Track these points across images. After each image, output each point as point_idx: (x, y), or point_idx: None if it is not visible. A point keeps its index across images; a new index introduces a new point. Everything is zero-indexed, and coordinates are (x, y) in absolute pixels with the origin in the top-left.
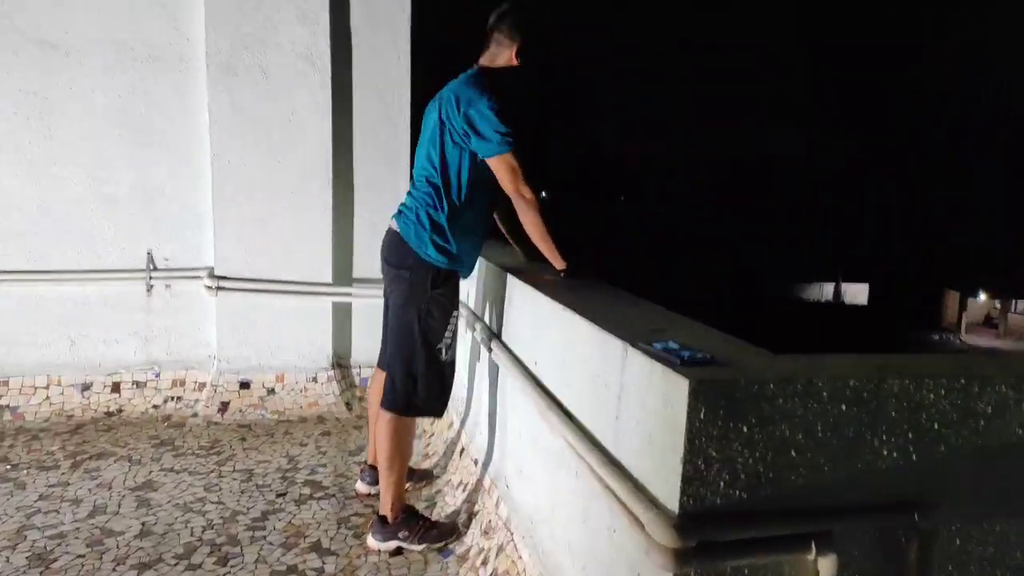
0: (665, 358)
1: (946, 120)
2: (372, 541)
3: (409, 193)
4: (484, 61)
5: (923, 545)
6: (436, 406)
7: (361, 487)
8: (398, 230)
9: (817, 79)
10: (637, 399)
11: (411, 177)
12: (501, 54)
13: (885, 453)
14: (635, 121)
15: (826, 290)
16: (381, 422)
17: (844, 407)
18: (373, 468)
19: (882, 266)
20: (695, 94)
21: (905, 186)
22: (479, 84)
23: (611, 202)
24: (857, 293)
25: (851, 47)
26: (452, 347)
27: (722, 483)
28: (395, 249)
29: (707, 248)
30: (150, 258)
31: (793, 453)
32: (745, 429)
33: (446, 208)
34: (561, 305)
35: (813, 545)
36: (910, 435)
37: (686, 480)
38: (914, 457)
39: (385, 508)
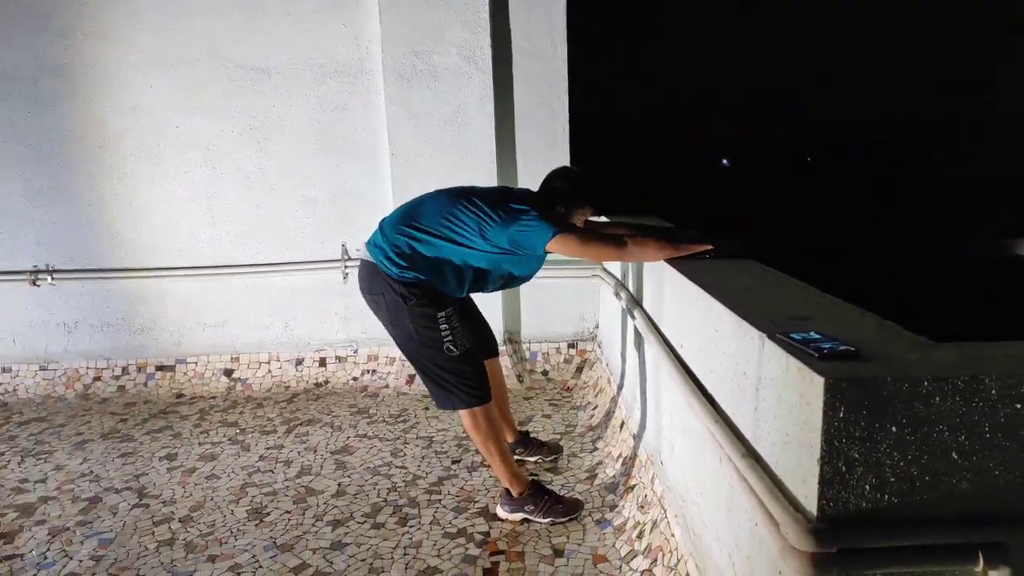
0: (803, 351)
1: None
2: (501, 511)
3: (390, 230)
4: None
5: None
6: (477, 394)
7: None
8: (371, 259)
9: None
10: (774, 393)
11: (405, 215)
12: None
13: None
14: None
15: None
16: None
17: (1019, 406)
18: (515, 437)
19: None
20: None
21: None
22: (532, 216)
23: (795, 167)
24: None
25: None
26: (456, 340)
27: (868, 487)
28: (370, 280)
29: (901, 209)
30: (344, 250)
31: (955, 456)
32: (894, 430)
33: (430, 262)
34: (702, 289)
35: (980, 557)
36: None
37: (824, 483)
38: None
39: (505, 483)
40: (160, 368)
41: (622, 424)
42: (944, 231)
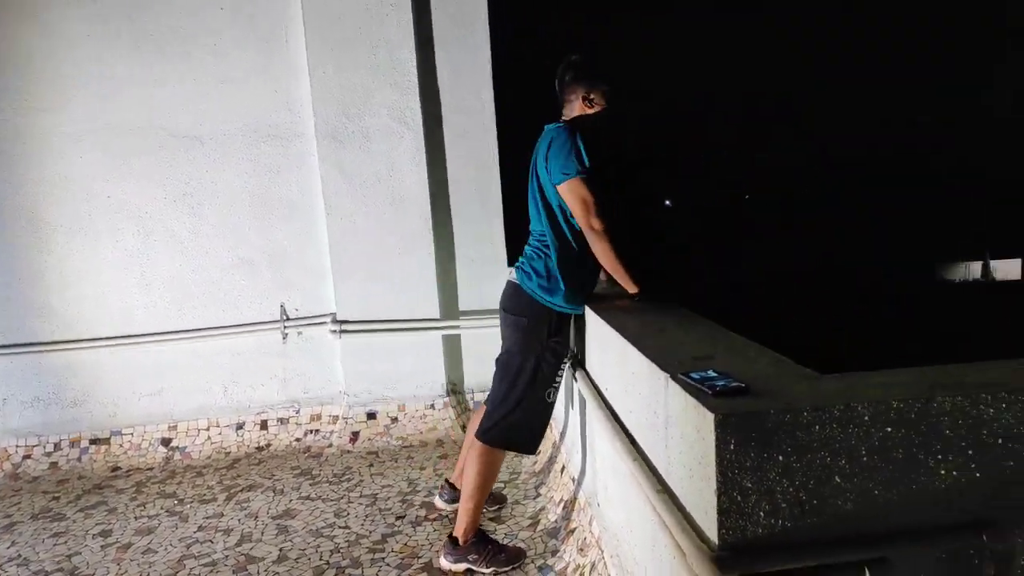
0: (698, 389)
1: None
2: (444, 562)
3: (530, 245)
4: (563, 116)
5: (999, 568)
6: (532, 445)
7: (439, 502)
8: (516, 281)
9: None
10: (679, 430)
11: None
12: (573, 107)
13: (943, 473)
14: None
15: (973, 269)
16: (474, 451)
17: (890, 429)
18: (453, 487)
19: None
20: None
21: None
22: (563, 129)
23: (736, 202)
24: (1009, 270)
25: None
26: (558, 390)
27: (762, 514)
28: (513, 298)
29: (833, 231)
30: (283, 310)
31: (837, 479)
32: (781, 458)
33: (554, 253)
34: (616, 333)
35: (867, 573)
36: (970, 452)
37: (723, 512)
38: (978, 475)
39: (458, 531)
40: (94, 441)
41: (563, 468)
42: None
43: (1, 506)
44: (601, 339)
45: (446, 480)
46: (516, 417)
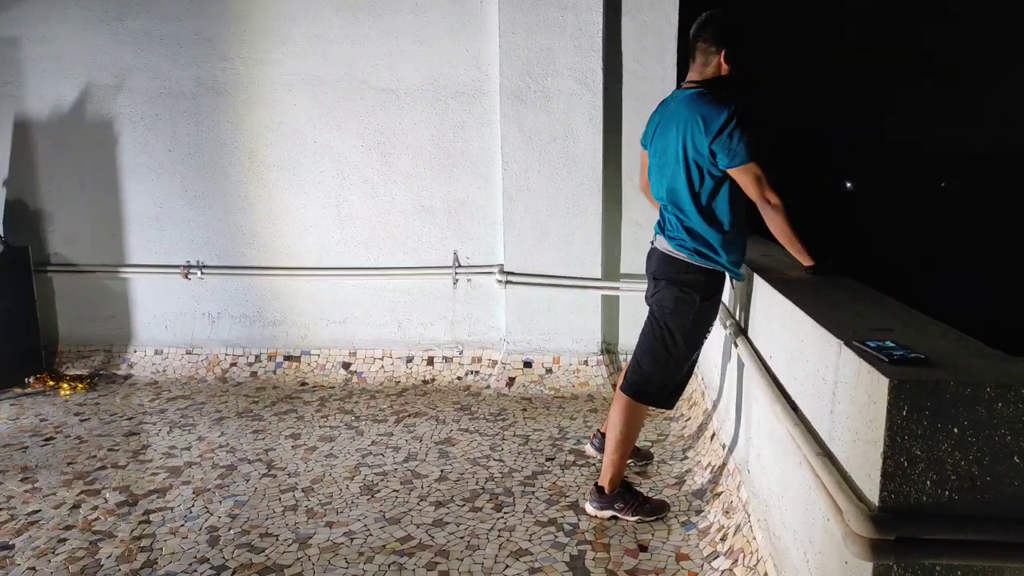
0: (874, 357)
1: None
2: (590, 508)
3: (673, 215)
4: (694, 76)
5: None
6: (672, 400)
7: (589, 450)
8: (672, 251)
9: None
10: (848, 395)
11: (660, 196)
12: (709, 64)
13: None
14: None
15: None
16: (618, 404)
17: None
18: (604, 437)
19: None
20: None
21: None
22: (713, 101)
23: (933, 189)
24: None
25: None
26: (701, 350)
27: (928, 483)
28: (666, 265)
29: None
30: (455, 257)
31: (1016, 459)
32: (956, 431)
33: (712, 228)
34: (791, 302)
35: None
36: None
37: (887, 476)
38: None
39: (604, 480)
40: (288, 358)
41: (713, 435)
42: None
43: (213, 403)
44: (769, 307)
45: (598, 429)
46: (661, 375)
